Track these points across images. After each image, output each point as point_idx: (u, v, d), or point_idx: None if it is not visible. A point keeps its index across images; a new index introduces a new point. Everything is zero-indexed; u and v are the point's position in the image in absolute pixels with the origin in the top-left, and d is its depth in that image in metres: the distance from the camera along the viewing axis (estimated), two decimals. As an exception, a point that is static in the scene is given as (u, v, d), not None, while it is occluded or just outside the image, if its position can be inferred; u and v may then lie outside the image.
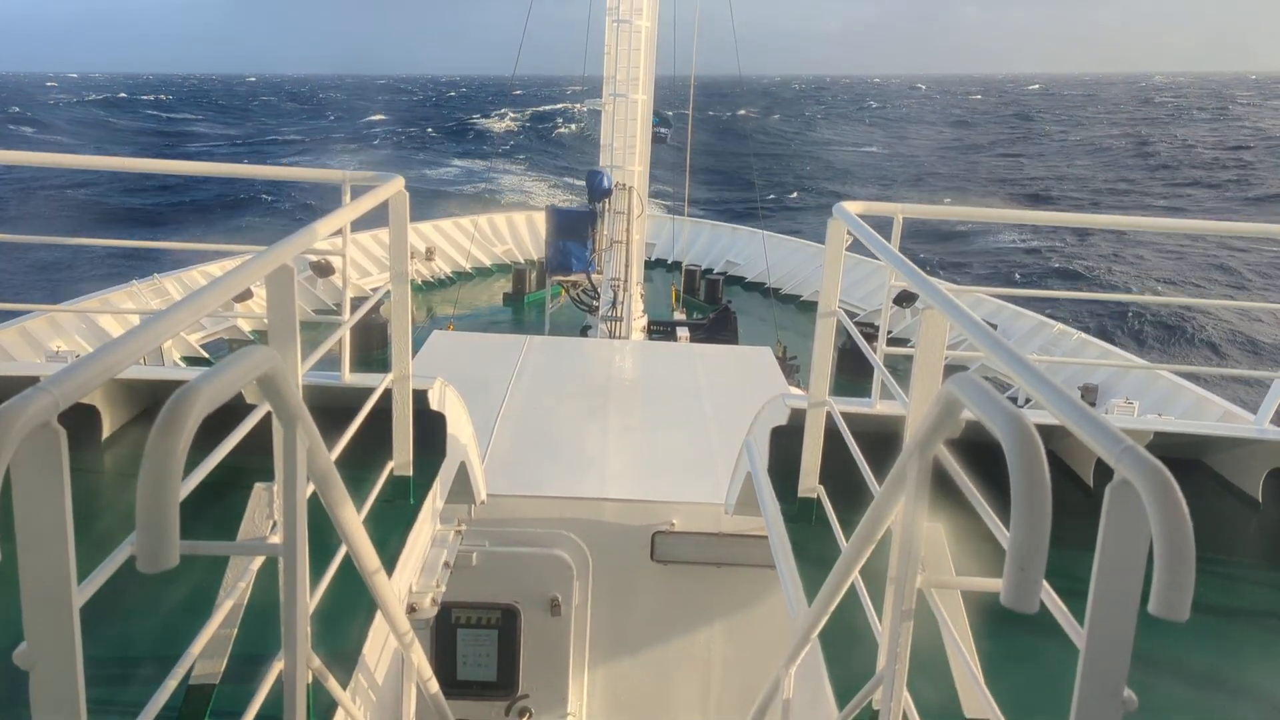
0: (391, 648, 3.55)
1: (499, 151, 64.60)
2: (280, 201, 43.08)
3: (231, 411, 2.00)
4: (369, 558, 2.85)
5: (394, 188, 3.78)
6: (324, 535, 2.67)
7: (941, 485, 2.27)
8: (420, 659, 3.89)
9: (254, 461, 2.70)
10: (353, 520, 2.67)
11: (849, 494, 3.64)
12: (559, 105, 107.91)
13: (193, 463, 1.71)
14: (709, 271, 22.53)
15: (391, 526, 3.88)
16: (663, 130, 17.51)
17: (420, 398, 4.25)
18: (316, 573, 2.72)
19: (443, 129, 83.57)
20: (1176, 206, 44.64)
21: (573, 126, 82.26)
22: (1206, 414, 11.85)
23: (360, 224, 3.68)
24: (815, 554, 3.76)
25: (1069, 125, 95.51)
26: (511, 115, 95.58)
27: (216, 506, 3.64)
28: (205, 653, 2.76)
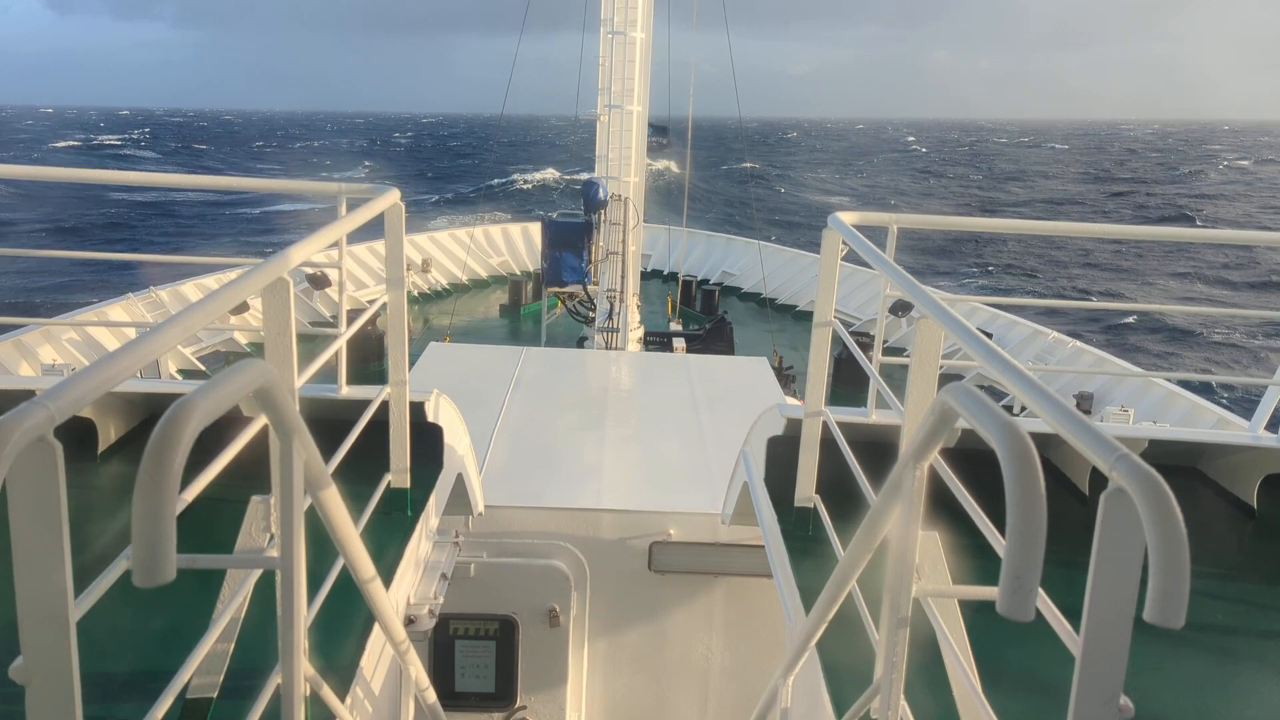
0: (389, 660, 3.54)
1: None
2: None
3: (228, 424, 2.00)
4: (366, 570, 2.85)
5: (389, 200, 3.79)
6: (321, 548, 2.67)
7: (937, 494, 2.28)
8: (418, 671, 3.89)
9: (251, 474, 2.70)
10: (350, 533, 2.67)
11: (845, 503, 3.65)
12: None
13: (189, 476, 1.70)
14: (705, 282, 22.57)
15: (389, 538, 3.88)
16: (661, 139, 17.60)
17: (417, 409, 4.25)
18: (314, 585, 2.72)
19: (463, 193, 64.25)
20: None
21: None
22: (1201, 421, 11.87)
23: (356, 236, 3.68)
24: (812, 563, 3.76)
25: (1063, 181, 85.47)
26: (553, 172, 79.61)
27: (213, 520, 3.62)
28: (202, 667, 2.75)
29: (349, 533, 2.66)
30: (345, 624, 3.21)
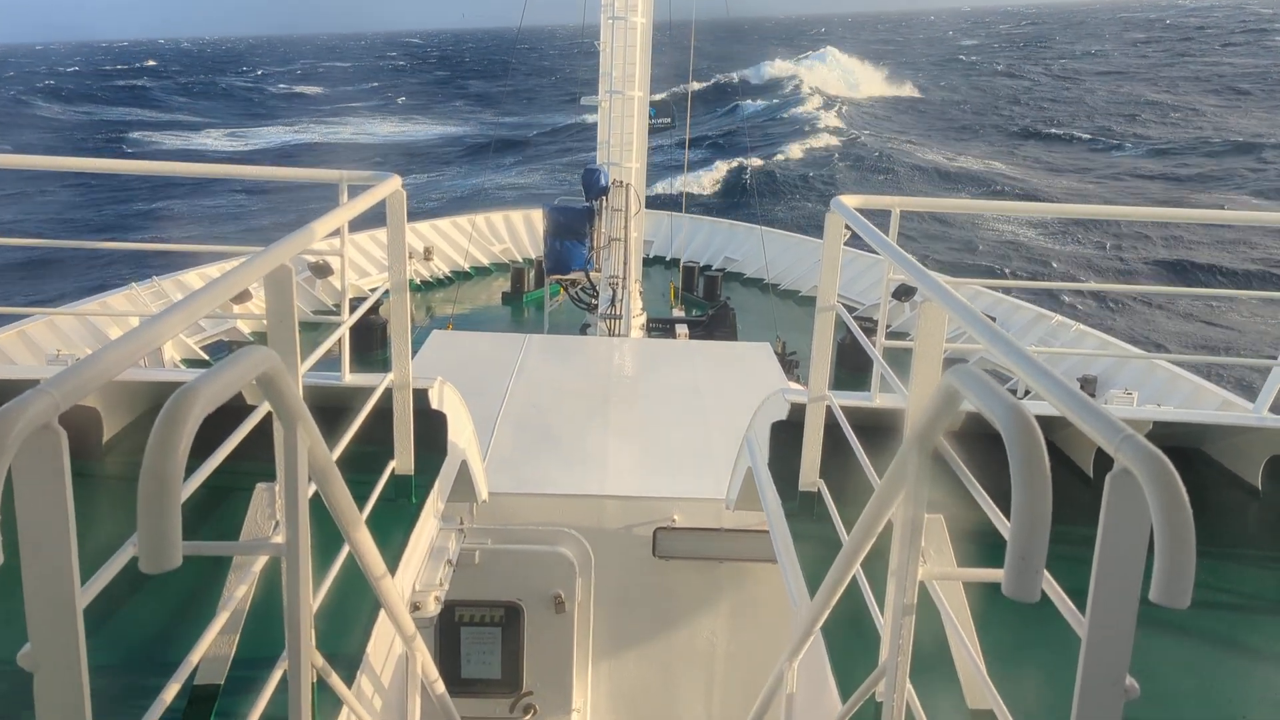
0: (395, 647, 3.56)
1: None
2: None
3: (232, 413, 2.00)
4: (372, 557, 2.86)
5: (391, 186, 3.78)
6: (326, 535, 2.67)
7: (942, 476, 2.28)
8: (425, 657, 3.90)
9: (255, 462, 2.70)
10: (355, 520, 2.68)
11: (850, 487, 3.65)
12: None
13: (194, 464, 1.71)
14: (707, 268, 22.50)
15: (394, 526, 3.89)
16: (664, 119, 17.47)
17: (421, 397, 4.25)
18: (319, 572, 2.72)
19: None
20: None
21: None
22: (1205, 403, 11.84)
23: (358, 224, 3.68)
24: (817, 548, 3.77)
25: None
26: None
27: (219, 507, 3.64)
28: (209, 654, 2.76)
29: (354, 520, 2.67)
30: (351, 611, 3.22)
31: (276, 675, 2.49)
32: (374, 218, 3.83)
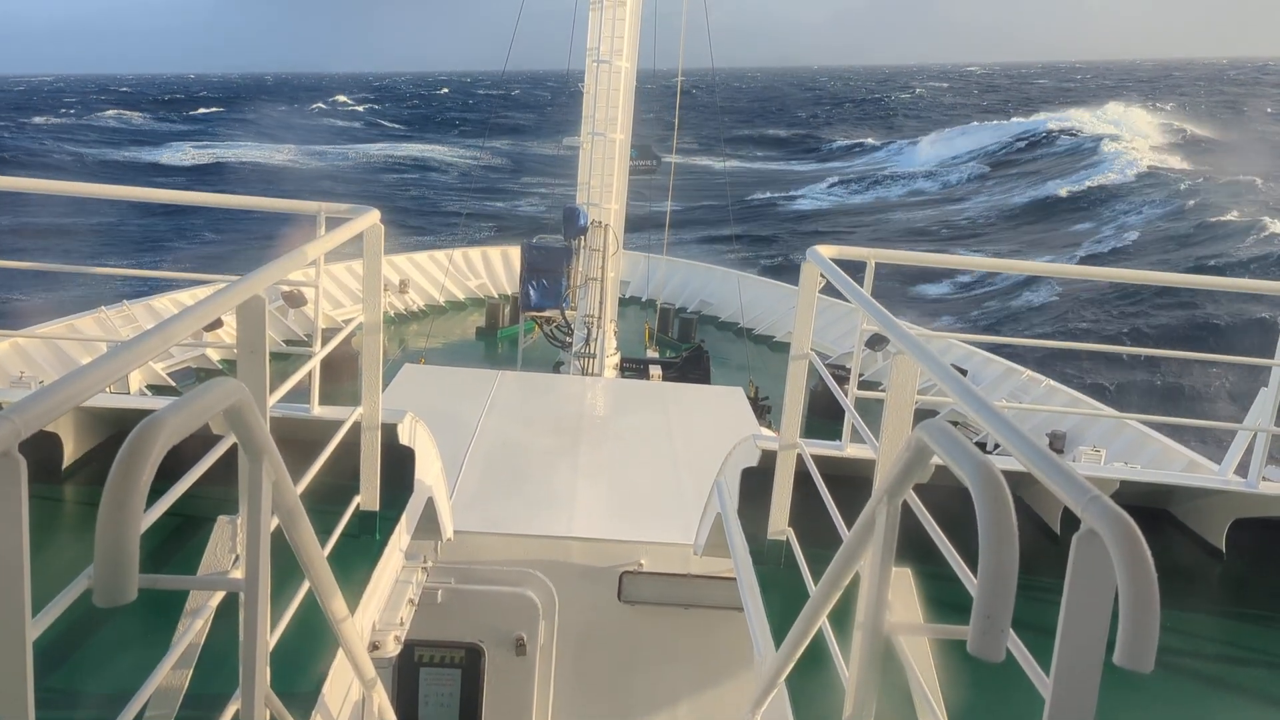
0: (352, 687, 3.49)
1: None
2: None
3: (198, 443, 1.98)
4: (332, 595, 2.81)
5: (369, 220, 3.78)
6: (287, 570, 2.63)
7: (910, 530, 2.28)
8: (381, 699, 3.83)
9: (219, 494, 2.66)
10: (317, 556, 2.63)
11: (819, 537, 3.64)
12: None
13: (156, 494, 1.68)
14: (683, 310, 22.59)
15: (356, 562, 3.83)
16: (648, 161, 17.61)
17: (390, 432, 4.22)
18: (278, 609, 2.67)
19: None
20: None
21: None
22: (1172, 463, 11.95)
23: (334, 255, 3.67)
24: (783, 597, 3.75)
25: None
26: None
27: (179, 539, 3.58)
28: (161, 690, 2.70)
29: (316, 556, 2.62)
30: (309, 650, 3.16)
31: (229, 714, 2.43)
32: (350, 248, 3.82)
